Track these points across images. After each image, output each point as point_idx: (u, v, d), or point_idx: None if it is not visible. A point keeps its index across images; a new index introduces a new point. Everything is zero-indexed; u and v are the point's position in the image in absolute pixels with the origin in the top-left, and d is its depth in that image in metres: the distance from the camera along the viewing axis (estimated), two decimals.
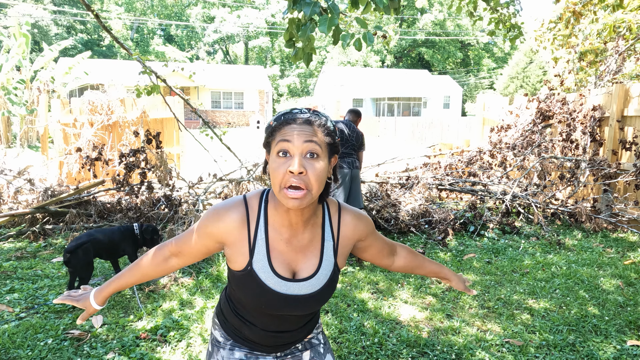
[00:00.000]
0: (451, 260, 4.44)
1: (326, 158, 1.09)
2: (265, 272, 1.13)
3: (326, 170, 1.09)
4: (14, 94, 14.74)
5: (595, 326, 3.06)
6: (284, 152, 1.05)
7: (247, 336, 1.26)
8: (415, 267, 1.46)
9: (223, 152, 6.33)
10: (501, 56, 47.53)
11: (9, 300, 3.36)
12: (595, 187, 5.96)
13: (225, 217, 1.14)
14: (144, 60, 4.79)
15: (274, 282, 1.13)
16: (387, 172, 7.36)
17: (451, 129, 20.29)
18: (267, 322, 1.22)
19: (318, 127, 1.08)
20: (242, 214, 1.15)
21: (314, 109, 1.13)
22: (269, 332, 1.24)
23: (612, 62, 7.50)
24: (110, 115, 6.90)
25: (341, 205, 1.26)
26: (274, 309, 1.17)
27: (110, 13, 43.88)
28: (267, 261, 1.14)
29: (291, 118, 1.08)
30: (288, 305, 1.16)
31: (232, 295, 1.26)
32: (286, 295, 1.14)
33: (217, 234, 1.16)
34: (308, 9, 2.57)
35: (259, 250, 1.14)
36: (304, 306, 1.18)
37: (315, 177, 1.04)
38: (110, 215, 5.41)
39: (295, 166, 1.02)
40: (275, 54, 49.65)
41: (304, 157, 1.04)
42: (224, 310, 1.29)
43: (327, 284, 1.19)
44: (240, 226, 1.14)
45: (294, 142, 1.04)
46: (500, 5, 5.19)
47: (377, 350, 2.73)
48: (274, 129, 1.09)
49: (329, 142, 1.09)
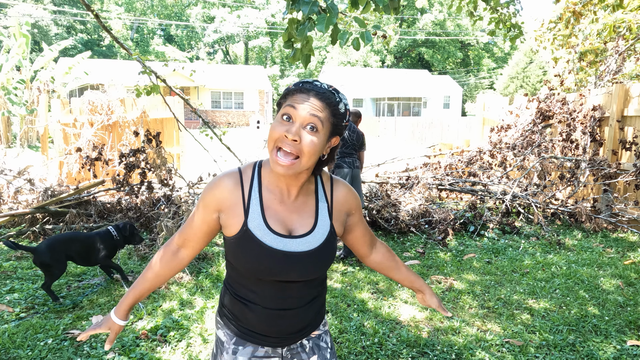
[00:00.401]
0: (451, 260, 4.44)
1: (325, 135, 1.12)
2: (261, 229, 1.15)
3: (322, 146, 1.12)
4: (14, 94, 14.74)
5: (595, 326, 3.06)
6: (288, 117, 1.09)
7: (249, 322, 1.22)
8: (390, 267, 1.44)
9: (223, 152, 6.33)
10: (501, 56, 47.53)
11: (9, 300, 3.36)
12: (595, 187, 5.96)
13: (219, 184, 1.18)
14: (144, 60, 4.79)
15: (271, 238, 1.15)
16: (387, 172, 7.36)
17: (451, 129, 20.29)
18: (268, 295, 1.19)
19: (328, 105, 1.10)
20: (236, 178, 1.19)
21: (334, 87, 1.15)
22: (272, 310, 1.20)
23: (612, 62, 7.50)
24: (110, 115, 6.90)
25: (333, 176, 1.31)
26: (274, 270, 1.15)
27: (110, 13, 43.88)
28: (262, 219, 1.16)
29: (307, 88, 1.11)
30: (287, 264, 1.15)
31: (231, 277, 1.25)
32: (284, 252, 1.15)
33: (213, 202, 1.18)
34: (306, 8, 2.57)
35: (254, 210, 1.16)
36: (303, 267, 1.17)
37: (307, 148, 1.08)
38: (110, 215, 5.41)
39: (292, 134, 1.07)
40: (275, 54, 49.66)
41: (304, 128, 1.08)
42: (225, 301, 1.28)
43: (324, 243, 1.20)
44: (234, 189, 1.17)
45: (299, 110, 1.08)
46: (500, 5, 5.19)
47: (377, 350, 2.73)
48: (289, 93, 1.12)
49: (333, 122, 1.12)
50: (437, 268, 4.24)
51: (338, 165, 4.40)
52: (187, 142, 7.98)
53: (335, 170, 4.38)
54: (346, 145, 4.44)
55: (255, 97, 30.51)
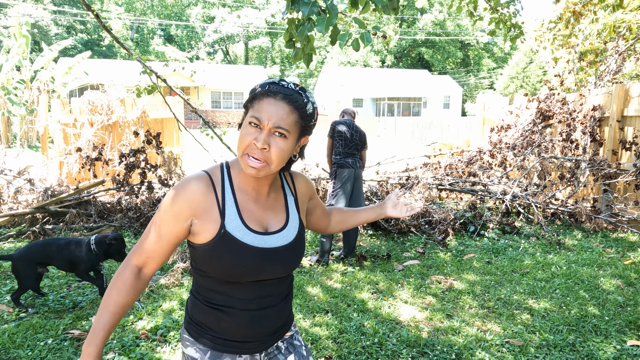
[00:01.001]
0: (451, 260, 4.44)
1: (294, 139, 1.13)
2: (240, 230, 1.13)
3: (291, 150, 1.13)
4: (14, 94, 14.73)
5: (595, 326, 3.06)
6: (255, 124, 1.08)
7: (226, 331, 1.17)
8: (349, 217, 1.53)
9: (223, 152, 6.34)
10: (501, 56, 47.53)
11: (9, 300, 3.36)
12: (595, 187, 5.96)
13: (190, 188, 1.12)
14: (144, 60, 4.79)
15: (251, 238, 1.14)
16: (387, 172, 7.36)
17: (451, 129, 20.30)
18: (246, 297, 1.16)
19: (296, 108, 1.10)
20: (206, 181, 1.14)
21: (301, 86, 1.14)
22: (250, 312, 1.17)
23: (612, 62, 7.50)
24: (110, 115, 6.90)
25: (291, 170, 1.34)
26: (256, 268, 1.13)
27: (110, 13, 43.88)
28: (239, 219, 1.14)
29: (274, 91, 1.09)
30: (268, 261, 1.15)
31: (202, 285, 1.19)
32: (264, 249, 1.14)
33: (186, 209, 1.11)
34: (306, 9, 2.57)
35: (230, 211, 1.14)
36: (283, 261, 1.18)
37: (276, 155, 1.09)
38: (110, 215, 5.41)
39: (260, 142, 1.07)
40: (275, 54, 49.66)
41: (272, 135, 1.08)
42: (195, 314, 1.21)
43: (297, 235, 1.23)
44: (207, 191, 1.13)
45: (267, 116, 1.07)
46: (500, 5, 5.19)
47: (377, 350, 2.73)
48: (256, 96, 1.11)
49: (301, 125, 1.12)
50: (437, 268, 4.24)
51: (341, 165, 4.37)
52: (187, 142, 7.98)
53: (337, 170, 4.36)
54: (349, 146, 4.42)
55: None
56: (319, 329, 2.97)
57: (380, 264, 4.35)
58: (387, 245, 4.96)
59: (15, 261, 3.19)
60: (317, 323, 3.06)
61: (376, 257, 4.53)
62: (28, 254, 3.22)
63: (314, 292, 3.62)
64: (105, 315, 1.12)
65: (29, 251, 3.23)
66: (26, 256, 3.20)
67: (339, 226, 1.53)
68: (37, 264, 3.25)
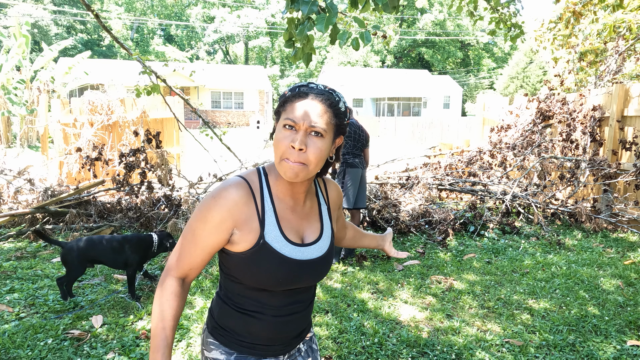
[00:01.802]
0: (451, 260, 4.44)
1: (330, 138, 1.10)
2: (279, 241, 1.12)
3: (328, 150, 1.10)
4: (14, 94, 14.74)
5: (595, 326, 3.05)
6: (290, 126, 1.06)
7: (254, 335, 1.18)
8: (358, 238, 1.58)
9: (223, 152, 6.34)
10: (501, 56, 47.53)
11: (9, 300, 3.36)
12: (595, 187, 5.96)
13: (231, 197, 1.09)
14: (144, 60, 4.79)
15: (289, 249, 1.13)
16: (387, 172, 7.36)
17: (451, 129, 20.30)
18: (278, 305, 1.17)
19: (329, 107, 1.08)
20: (246, 189, 1.12)
21: (330, 87, 1.13)
22: (279, 317, 1.18)
23: (612, 62, 7.50)
24: (110, 115, 6.90)
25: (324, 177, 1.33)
26: (291, 279, 1.13)
27: (110, 13, 43.88)
28: (278, 230, 1.13)
29: (305, 92, 1.08)
30: (303, 272, 1.15)
31: (233, 291, 1.18)
32: (301, 261, 1.14)
33: (228, 220, 1.09)
34: (306, 8, 2.57)
35: (270, 221, 1.12)
36: (316, 272, 1.18)
37: (314, 155, 1.06)
38: (110, 215, 5.41)
39: (298, 143, 1.04)
40: (275, 54, 49.66)
41: (308, 135, 1.06)
42: (221, 320, 1.21)
43: (330, 246, 1.23)
44: (248, 200, 1.11)
45: (301, 117, 1.05)
46: (500, 5, 5.19)
47: (377, 350, 2.73)
48: (287, 100, 1.09)
49: (336, 123, 1.11)
50: (437, 268, 4.24)
51: (351, 165, 4.38)
52: (187, 142, 7.98)
53: (347, 169, 4.36)
54: (357, 146, 4.43)
55: (255, 97, 30.51)
56: (319, 329, 2.97)
57: (380, 264, 4.35)
58: None
59: (66, 252, 3.25)
60: (317, 323, 3.06)
61: (376, 257, 4.53)
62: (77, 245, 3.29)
63: None
64: (165, 331, 1.10)
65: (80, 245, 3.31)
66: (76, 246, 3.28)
67: (349, 242, 1.56)
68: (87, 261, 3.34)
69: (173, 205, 5.32)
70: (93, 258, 3.36)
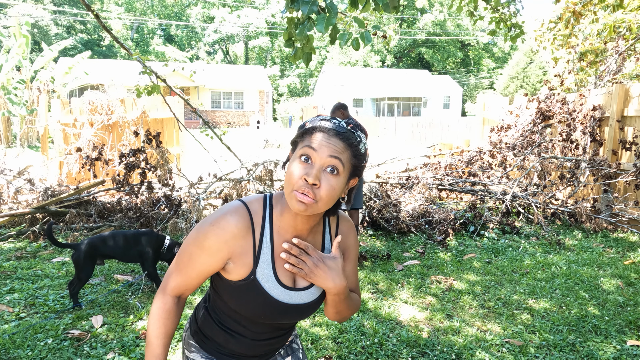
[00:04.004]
0: (451, 260, 4.44)
1: (346, 178, 1.06)
2: (269, 281, 1.10)
3: (341, 190, 1.06)
4: (14, 94, 14.74)
5: (595, 326, 3.05)
6: (307, 158, 1.03)
7: (233, 350, 1.21)
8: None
9: (223, 152, 6.33)
10: (501, 56, 47.53)
11: (9, 300, 3.36)
12: (595, 187, 5.96)
13: (229, 228, 1.07)
14: (144, 60, 4.79)
15: (278, 291, 1.11)
16: (387, 172, 7.36)
17: (451, 129, 20.29)
18: (259, 331, 1.18)
19: (349, 146, 1.05)
20: (246, 221, 1.09)
21: (351, 127, 1.08)
22: (259, 341, 1.20)
23: (612, 62, 7.50)
24: (110, 115, 6.90)
25: (339, 214, 1.25)
26: (274, 318, 1.13)
27: (110, 13, 43.88)
28: (271, 270, 1.10)
29: (327, 127, 1.05)
30: (288, 314, 1.14)
31: (218, 307, 1.19)
32: (288, 304, 1.12)
33: (223, 250, 1.08)
34: (306, 8, 2.57)
35: (264, 259, 1.10)
36: (303, 314, 1.17)
37: (327, 192, 1.02)
38: (110, 215, 5.41)
39: (312, 177, 1.00)
40: (275, 54, 49.65)
41: (324, 170, 1.02)
42: (204, 328, 1.22)
43: (322, 294, 1.19)
44: (246, 234, 1.09)
45: (319, 152, 1.02)
46: (500, 5, 5.19)
47: (377, 350, 2.73)
48: (306, 132, 1.06)
49: (354, 164, 1.07)
50: (437, 268, 4.24)
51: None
52: (187, 142, 7.98)
53: None
54: None
55: (255, 97, 30.51)
56: (319, 329, 2.96)
57: (380, 264, 4.35)
58: (387, 245, 4.96)
59: (79, 252, 3.26)
60: (317, 323, 3.06)
61: (376, 257, 4.53)
62: (88, 241, 3.31)
63: None
64: (158, 348, 1.14)
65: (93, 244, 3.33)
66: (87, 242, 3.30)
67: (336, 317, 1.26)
68: (99, 257, 3.36)
69: (173, 205, 5.32)
70: (106, 253, 3.39)
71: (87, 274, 3.28)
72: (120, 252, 3.43)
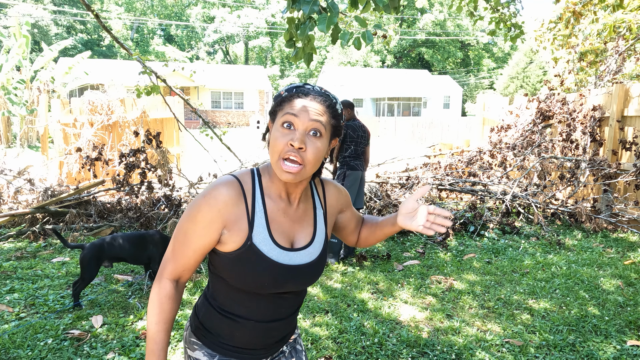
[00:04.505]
0: (451, 260, 4.44)
1: (328, 139, 1.11)
2: (266, 244, 1.10)
3: (325, 150, 1.11)
4: (14, 94, 14.73)
5: (595, 326, 3.06)
6: (289, 125, 1.06)
7: (238, 339, 1.18)
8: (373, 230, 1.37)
9: (223, 152, 6.33)
10: (501, 56, 47.53)
11: (9, 300, 3.36)
12: (595, 187, 5.96)
13: (221, 197, 1.08)
14: (144, 60, 4.79)
15: (276, 253, 1.11)
16: (387, 172, 7.36)
17: (451, 129, 20.30)
18: (263, 309, 1.16)
19: (327, 108, 1.09)
20: (237, 188, 1.11)
21: (325, 89, 1.13)
22: (263, 323, 1.17)
23: (612, 62, 7.50)
24: (110, 115, 6.90)
25: (323, 178, 1.30)
26: (277, 283, 1.12)
27: (110, 13, 43.88)
28: (267, 233, 1.11)
29: (303, 92, 1.09)
30: (290, 277, 1.13)
31: (219, 291, 1.17)
32: (288, 266, 1.12)
33: (217, 219, 1.08)
34: (307, 8, 2.57)
35: (259, 223, 1.11)
36: (304, 278, 1.16)
37: (313, 155, 1.06)
38: (110, 215, 5.41)
39: (297, 142, 1.04)
40: (275, 54, 49.66)
41: (307, 134, 1.06)
42: (205, 321, 1.20)
43: (321, 252, 1.21)
44: (238, 200, 1.10)
45: (300, 117, 1.06)
46: (500, 5, 5.19)
47: (377, 350, 2.73)
48: (284, 100, 1.09)
49: (333, 124, 1.12)
50: (437, 268, 4.24)
51: (353, 167, 4.36)
52: (187, 142, 7.98)
53: (348, 171, 4.35)
54: (357, 150, 4.41)
55: (255, 97, 30.51)
56: (319, 329, 2.96)
57: (380, 264, 4.35)
58: (387, 245, 4.96)
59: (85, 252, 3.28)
60: (317, 323, 3.06)
61: (376, 257, 4.53)
62: (95, 245, 3.33)
63: (314, 292, 3.62)
64: (160, 334, 1.11)
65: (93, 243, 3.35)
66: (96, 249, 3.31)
67: (364, 241, 1.41)
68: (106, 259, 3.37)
69: (173, 205, 5.32)
70: (114, 255, 3.39)
71: (91, 275, 3.29)
72: (128, 255, 3.44)
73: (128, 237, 3.46)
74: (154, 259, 3.49)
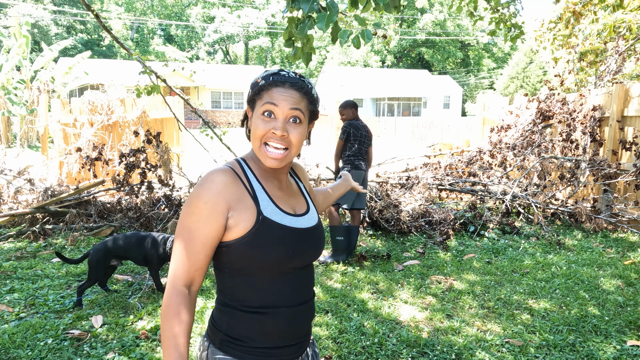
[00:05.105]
0: (451, 261, 4.44)
1: (306, 124, 1.17)
2: (277, 214, 1.13)
3: (305, 135, 1.17)
4: (14, 94, 14.73)
5: (595, 326, 3.05)
6: (269, 114, 1.11)
7: (270, 337, 1.13)
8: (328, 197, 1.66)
9: (223, 152, 6.33)
10: (501, 56, 47.53)
11: (9, 300, 3.36)
12: (595, 187, 5.96)
13: (218, 180, 1.08)
14: (144, 60, 4.79)
15: (289, 220, 1.15)
16: (387, 172, 7.36)
17: (451, 129, 20.30)
18: (288, 290, 1.14)
19: (304, 94, 1.14)
20: (230, 172, 1.12)
21: (300, 75, 1.18)
22: (292, 307, 1.15)
23: (612, 62, 7.50)
24: (110, 115, 6.90)
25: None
26: (298, 250, 1.13)
27: (110, 13, 43.87)
28: (273, 204, 1.15)
29: (280, 80, 1.12)
30: (306, 241, 1.17)
31: (240, 288, 1.12)
32: (301, 229, 1.16)
33: (221, 202, 1.06)
34: (306, 6, 2.57)
35: (262, 198, 1.14)
36: (316, 241, 1.21)
37: (296, 140, 1.12)
38: (110, 215, 5.41)
39: (279, 130, 1.09)
40: (275, 54, 49.66)
41: (288, 122, 1.11)
42: (231, 330, 1.13)
43: (318, 218, 1.29)
44: (235, 181, 1.11)
45: (280, 106, 1.10)
46: (500, 5, 5.19)
47: (377, 350, 2.73)
48: (262, 88, 1.13)
49: (311, 110, 1.18)
50: (437, 268, 4.24)
51: (357, 167, 4.39)
52: (187, 142, 7.98)
53: (352, 171, 4.38)
54: (361, 149, 4.43)
55: None
56: (319, 329, 2.96)
57: (380, 264, 4.35)
58: (387, 245, 4.96)
59: (92, 254, 3.31)
60: (317, 323, 3.06)
61: (376, 257, 4.52)
62: (102, 246, 3.35)
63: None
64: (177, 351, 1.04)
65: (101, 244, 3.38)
66: (103, 249, 3.34)
67: (324, 206, 1.63)
68: (112, 258, 3.38)
69: (173, 205, 5.32)
70: (120, 254, 3.41)
71: (98, 275, 3.31)
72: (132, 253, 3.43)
73: (133, 237, 3.46)
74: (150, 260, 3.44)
